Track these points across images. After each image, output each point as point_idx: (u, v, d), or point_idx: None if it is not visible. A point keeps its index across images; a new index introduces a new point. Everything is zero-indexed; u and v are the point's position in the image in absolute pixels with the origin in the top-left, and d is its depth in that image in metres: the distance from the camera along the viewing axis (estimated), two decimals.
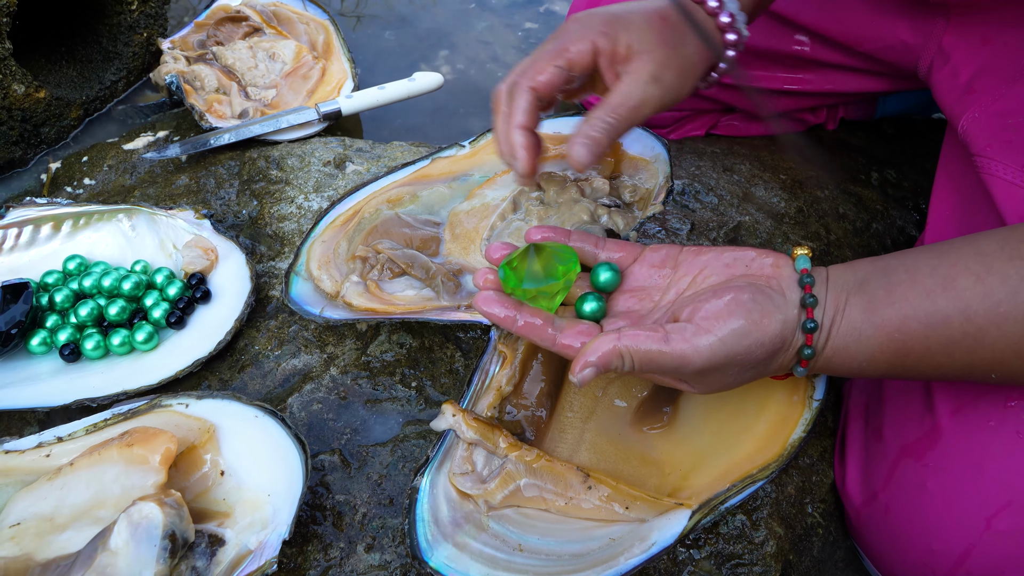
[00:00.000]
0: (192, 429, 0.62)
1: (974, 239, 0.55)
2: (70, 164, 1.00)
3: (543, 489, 0.61)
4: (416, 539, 0.58)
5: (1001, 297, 0.51)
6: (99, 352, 0.72)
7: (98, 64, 1.14)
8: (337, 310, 0.71)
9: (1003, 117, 0.69)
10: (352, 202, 0.81)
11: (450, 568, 0.57)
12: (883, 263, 0.57)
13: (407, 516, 0.59)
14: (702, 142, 1.02)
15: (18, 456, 0.62)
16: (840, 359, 0.56)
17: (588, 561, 0.57)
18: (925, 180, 1.00)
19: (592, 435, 0.65)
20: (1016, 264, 0.52)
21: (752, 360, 0.54)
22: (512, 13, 1.40)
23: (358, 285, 0.73)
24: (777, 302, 0.55)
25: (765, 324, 0.54)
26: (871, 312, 0.55)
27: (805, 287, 0.56)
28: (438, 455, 0.63)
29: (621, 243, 0.63)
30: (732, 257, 0.59)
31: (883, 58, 0.84)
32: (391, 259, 0.74)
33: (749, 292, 0.55)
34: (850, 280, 0.56)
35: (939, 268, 0.54)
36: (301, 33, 1.15)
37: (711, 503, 0.60)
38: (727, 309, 0.53)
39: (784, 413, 0.65)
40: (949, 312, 0.53)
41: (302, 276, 0.75)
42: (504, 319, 0.57)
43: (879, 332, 0.54)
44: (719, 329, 0.53)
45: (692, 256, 0.60)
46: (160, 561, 0.53)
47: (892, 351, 0.55)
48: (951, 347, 0.53)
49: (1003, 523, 0.58)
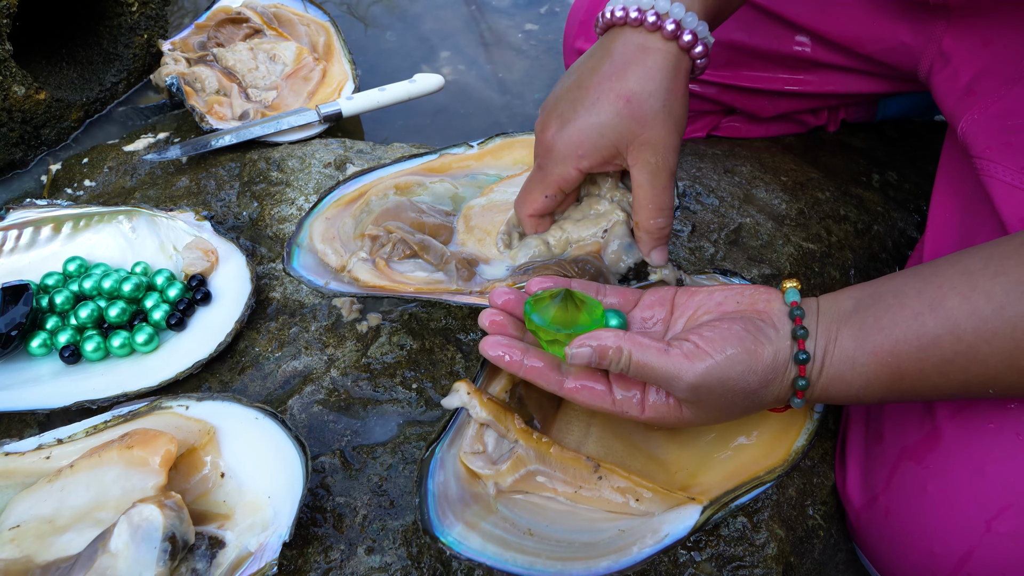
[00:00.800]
0: (192, 431, 0.62)
1: (959, 258, 0.56)
2: (70, 166, 1.00)
3: (552, 477, 0.61)
4: (428, 513, 0.58)
5: (988, 314, 0.52)
6: (99, 354, 0.72)
7: (98, 66, 1.14)
8: (343, 284, 0.71)
9: (1003, 119, 0.69)
10: (359, 184, 0.81)
11: (462, 545, 0.56)
12: (871, 289, 0.58)
13: (418, 488, 0.59)
14: (703, 144, 1.02)
15: (18, 458, 0.62)
16: (837, 388, 0.57)
17: (600, 550, 0.57)
18: (926, 182, 1.00)
19: (598, 430, 0.65)
20: (1000, 281, 0.52)
21: (744, 388, 0.56)
22: (513, 14, 1.40)
23: (366, 262, 0.72)
24: (769, 334, 0.56)
25: (758, 353, 0.55)
26: (862, 339, 0.56)
27: (795, 319, 0.57)
28: (450, 432, 0.62)
29: (620, 289, 0.65)
30: (723, 295, 0.60)
31: (884, 60, 0.84)
32: (404, 240, 0.73)
33: (742, 324, 0.56)
34: (840, 309, 0.58)
35: (926, 290, 0.55)
36: (302, 35, 1.16)
37: (722, 500, 0.60)
38: (723, 337, 0.55)
39: (786, 422, 0.66)
40: (939, 332, 0.53)
41: (304, 248, 0.74)
42: (509, 363, 0.59)
43: (872, 358, 0.55)
44: (716, 353, 0.54)
45: (687, 297, 0.62)
46: (160, 563, 0.53)
47: (887, 376, 0.56)
48: (944, 367, 0.54)
49: (1004, 525, 0.57)
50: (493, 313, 0.61)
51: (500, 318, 0.61)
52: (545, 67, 1.31)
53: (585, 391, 0.58)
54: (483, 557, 0.56)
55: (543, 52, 1.33)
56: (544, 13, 1.41)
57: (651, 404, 0.58)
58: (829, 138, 1.06)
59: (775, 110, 0.99)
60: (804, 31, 0.88)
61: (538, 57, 1.32)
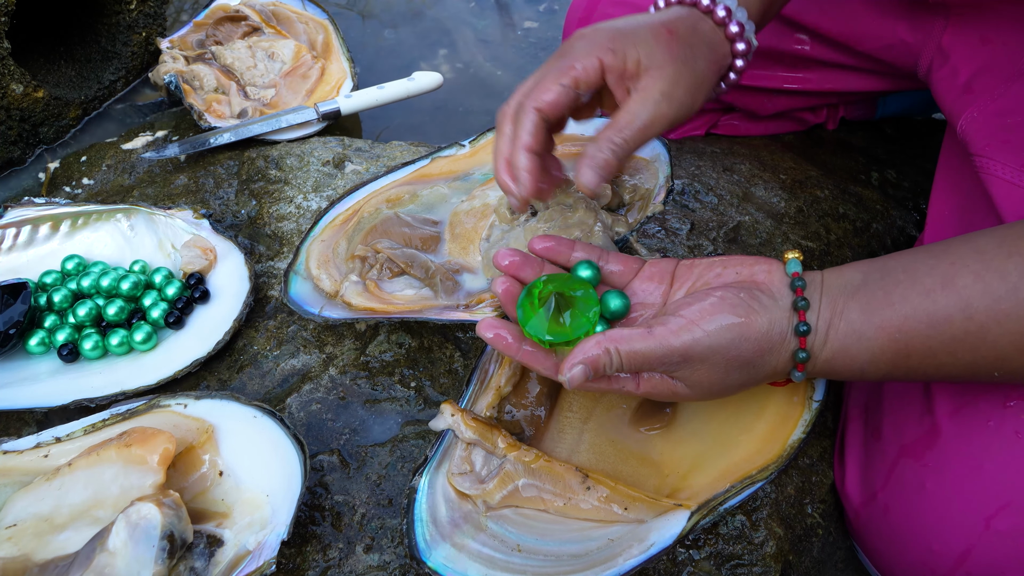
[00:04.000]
0: (191, 429, 0.62)
1: (972, 237, 0.55)
2: (68, 164, 1.00)
3: (542, 489, 0.61)
4: (414, 539, 0.58)
5: (1001, 294, 0.51)
6: (97, 352, 0.72)
7: (97, 63, 1.14)
8: (336, 309, 0.71)
9: (1001, 117, 0.69)
10: (351, 201, 0.81)
11: (448, 568, 0.57)
12: (880, 264, 0.57)
13: (405, 516, 0.59)
14: (702, 142, 1.02)
15: (16, 456, 0.62)
16: (841, 361, 0.56)
17: (586, 562, 0.57)
18: (925, 180, 1.00)
19: (591, 435, 0.65)
20: (1015, 260, 0.52)
21: (740, 357, 0.55)
22: (512, 12, 1.40)
23: (357, 284, 0.72)
24: (764, 302, 0.56)
25: (751, 322, 0.54)
26: (871, 313, 0.55)
27: (796, 290, 0.56)
28: (436, 455, 0.62)
29: (623, 257, 0.63)
30: (723, 267, 0.59)
31: (883, 58, 0.84)
32: (390, 258, 0.74)
33: (735, 291, 0.56)
34: (847, 282, 0.57)
35: (938, 267, 0.54)
36: (300, 32, 1.15)
37: (710, 504, 0.60)
38: (712, 305, 0.55)
39: (784, 413, 0.65)
40: (950, 311, 0.53)
41: (301, 275, 0.75)
42: (507, 346, 0.58)
43: (880, 333, 0.54)
44: (704, 323, 0.54)
45: (687, 269, 0.61)
46: (158, 562, 0.53)
47: (894, 352, 0.55)
48: (953, 346, 0.53)
49: (1002, 523, 0.57)
50: (493, 325, 0.58)
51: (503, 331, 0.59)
52: None
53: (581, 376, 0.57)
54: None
55: (542, 50, 1.33)
56: (543, 11, 1.41)
57: (645, 379, 0.57)
58: (828, 136, 1.06)
59: (774, 108, 0.99)
60: (803, 29, 0.88)
61: (537, 55, 1.32)
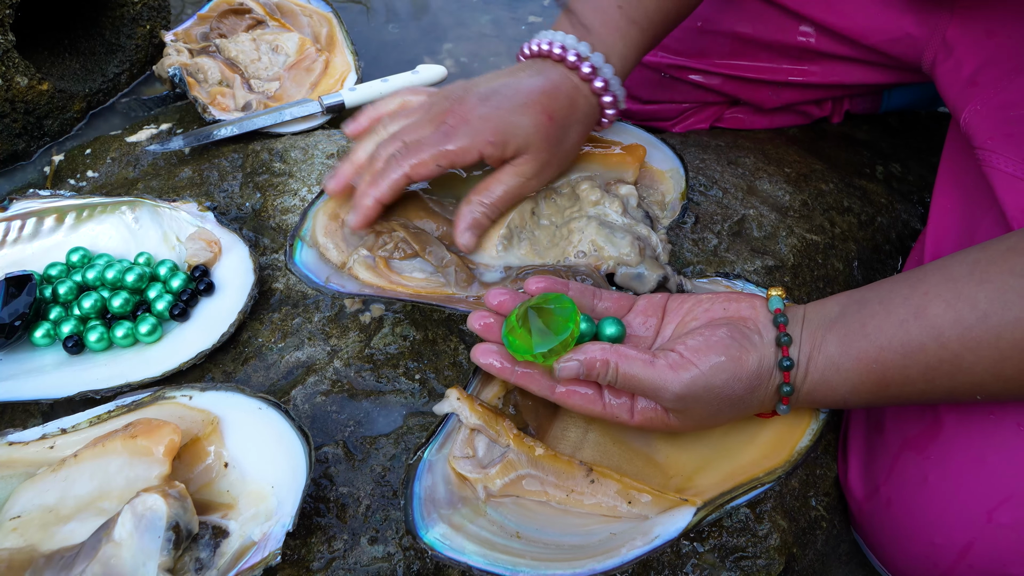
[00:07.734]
0: (196, 421, 0.62)
1: (945, 263, 0.56)
2: (73, 157, 1.01)
3: (544, 481, 0.61)
4: (412, 514, 0.58)
5: (972, 322, 0.52)
6: (103, 344, 0.73)
7: (101, 57, 1.14)
8: (343, 280, 0.70)
9: (1005, 110, 0.69)
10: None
11: (444, 545, 0.56)
12: (859, 295, 0.58)
13: (404, 490, 0.59)
14: (706, 135, 1.02)
15: (22, 448, 0.62)
16: (822, 393, 0.58)
17: (588, 551, 0.57)
18: (930, 174, 0.99)
19: (595, 434, 0.65)
20: (986, 288, 0.52)
21: (730, 395, 0.56)
22: (516, 6, 1.40)
23: (368, 258, 0.72)
24: (754, 340, 0.57)
25: (743, 360, 0.56)
26: (847, 345, 0.56)
27: (779, 326, 0.57)
28: (439, 436, 0.62)
29: (615, 295, 0.65)
30: (711, 302, 0.61)
31: (888, 51, 0.84)
32: (406, 239, 0.73)
33: (728, 330, 0.57)
34: (827, 316, 0.58)
35: (911, 297, 0.55)
36: (304, 25, 1.15)
37: (716, 501, 0.60)
38: (708, 345, 0.56)
39: (791, 423, 0.65)
40: (923, 340, 0.53)
41: (307, 242, 0.74)
42: (501, 370, 0.60)
43: (857, 364, 0.56)
44: (701, 362, 0.55)
45: (677, 304, 0.63)
46: (164, 552, 0.53)
47: (872, 382, 0.56)
48: (930, 374, 0.54)
49: (1005, 516, 0.58)
50: (483, 315, 0.62)
51: (491, 320, 0.62)
52: None
53: (576, 396, 0.59)
54: (464, 557, 0.56)
55: None
56: (547, 5, 1.41)
57: (640, 410, 0.58)
58: (833, 129, 1.06)
59: (779, 101, 0.99)
60: (808, 21, 0.88)
61: None
